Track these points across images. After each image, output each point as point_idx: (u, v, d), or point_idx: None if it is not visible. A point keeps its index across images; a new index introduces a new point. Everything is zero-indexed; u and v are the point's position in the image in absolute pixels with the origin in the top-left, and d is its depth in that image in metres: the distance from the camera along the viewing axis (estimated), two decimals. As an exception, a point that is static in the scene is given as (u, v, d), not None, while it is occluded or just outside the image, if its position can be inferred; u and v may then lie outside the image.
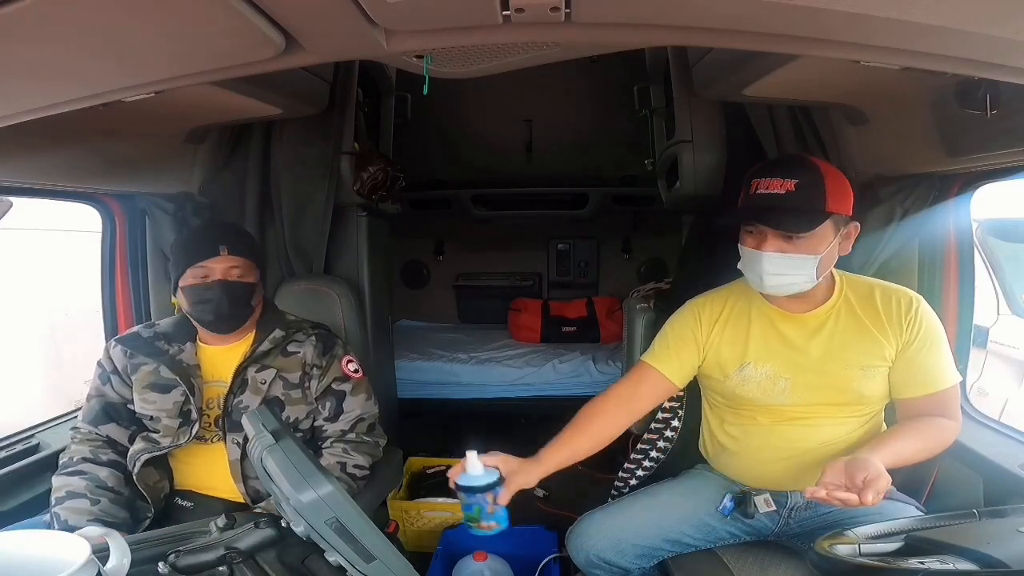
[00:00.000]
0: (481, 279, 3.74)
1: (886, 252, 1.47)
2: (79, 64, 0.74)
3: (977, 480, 1.31)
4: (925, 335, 1.18)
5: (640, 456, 1.60)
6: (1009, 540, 0.86)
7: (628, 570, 1.30)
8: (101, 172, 1.43)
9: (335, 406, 1.41)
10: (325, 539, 0.76)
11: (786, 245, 1.14)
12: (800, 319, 1.25)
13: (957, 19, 0.61)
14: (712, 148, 1.74)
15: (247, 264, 1.35)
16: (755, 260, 1.18)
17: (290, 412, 1.38)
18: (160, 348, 1.38)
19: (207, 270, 1.31)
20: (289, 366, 1.39)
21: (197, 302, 1.32)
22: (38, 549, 0.75)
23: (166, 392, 1.33)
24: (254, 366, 1.36)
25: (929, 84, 1.06)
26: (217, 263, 1.32)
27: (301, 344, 1.42)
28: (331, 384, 1.41)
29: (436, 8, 0.66)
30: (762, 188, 1.16)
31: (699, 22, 0.69)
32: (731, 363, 1.27)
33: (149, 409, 1.34)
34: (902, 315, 1.19)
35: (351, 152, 1.86)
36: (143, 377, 1.35)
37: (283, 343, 1.40)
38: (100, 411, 1.36)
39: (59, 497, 1.23)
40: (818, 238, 1.14)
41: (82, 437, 1.34)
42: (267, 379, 1.35)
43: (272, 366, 1.37)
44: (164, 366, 1.34)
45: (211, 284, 1.31)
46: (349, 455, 1.38)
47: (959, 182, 1.40)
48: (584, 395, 2.82)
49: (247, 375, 1.36)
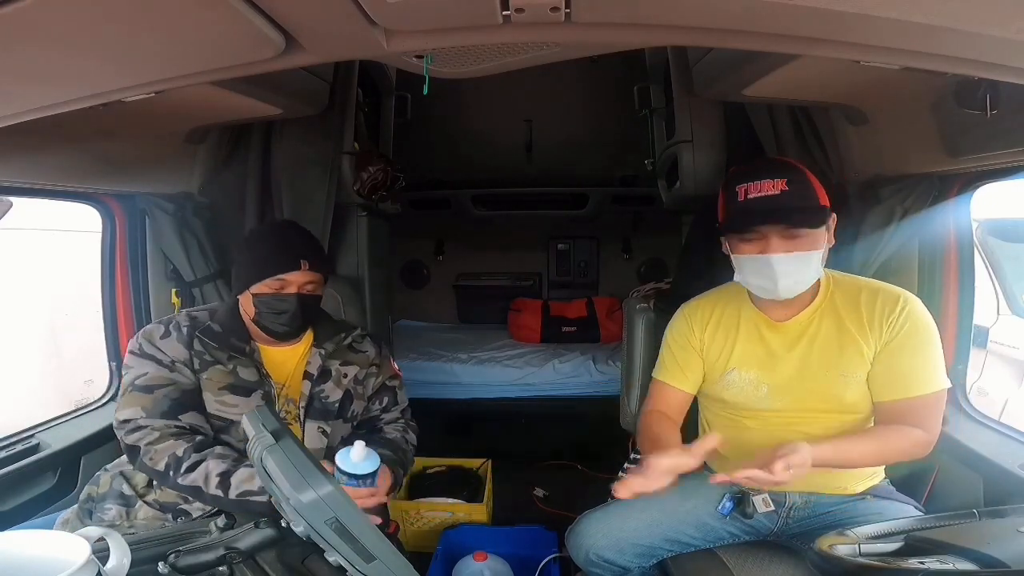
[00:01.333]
0: (481, 279, 3.75)
1: (886, 252, 1.47)
2: (79, 64, 0.74)
3: (977, 480, 1.31)
4: (908, 335, 1.14)
5: (640, 456, 1.60)
6: (1009, 540, 0.86)
7: (628, 569, 1.30)
8: (101, 172, 1.43)
9: (391, 400, 1.49)
10: (325, 539, 0.76)
11: (791, 244, 1.12)
12: (782, 328, 1.24)
13: (957, 19, 0.61)
14: (712, 148, 1.74)
15: (321, 279, 1.35)
16: (764, 266, 1.14)
17: (355, 405, 1.41)
18: (236, 346, 1.31)
19: (284, 282, 1.29)
20: (361, 362, 1.44)
21: (269, 312, 1.29)
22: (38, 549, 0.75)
23: (247, 395, 1.27)
24: (336, 360, 1.39)
25: (929, 84, 1.06)
26: (297, 277, 1.29)
27: (362, 343, 1.47)
28: (386, 381, 1.48)
29: (436, 8, 0.66)
30: (753, 192, 1.14)
31: (699, 22, 0.69)
32: (717, 368, 1.30)
33: (229, 412, 1.26)
34: (885, 314, 1.16)
35: (351, 152, 1.87)
36: (219, 377, 1.27)
37: (352, 343, 1.45)
38: (176, 401, 1.22)
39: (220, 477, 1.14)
40: (815, 234, 1.14)
41: (161, 436, 1.18)
42: (349, 373, 1.40)
43: (352, 362, 1.42)
44: (242, 366, 1.29)
45: (287, 296, 1.28)
46: (407, 433, 1.48)
47: (959, 182, 1.40)
48: (584, 395, 2.86)
49: (330, 366, 1.38)
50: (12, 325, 2.94)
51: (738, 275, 1.22)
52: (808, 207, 1.13)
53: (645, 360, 1.70)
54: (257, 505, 1.12)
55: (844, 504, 1.25)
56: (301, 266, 1.29)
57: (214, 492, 1.14)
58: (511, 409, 2.85)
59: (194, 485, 1.15)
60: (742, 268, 1.20)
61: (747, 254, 1.17)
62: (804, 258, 1.13)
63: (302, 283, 1.30)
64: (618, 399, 1.79)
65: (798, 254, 1.12)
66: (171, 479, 1.16)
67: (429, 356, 2.97)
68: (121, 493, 1.24)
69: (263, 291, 1.28)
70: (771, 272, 1.14)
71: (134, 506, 1.23)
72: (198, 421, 1.24)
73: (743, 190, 1.15)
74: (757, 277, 1.18)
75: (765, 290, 1.19)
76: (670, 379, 1.35)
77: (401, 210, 2.40)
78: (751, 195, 1.14)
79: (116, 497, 1.24)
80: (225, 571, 0.87)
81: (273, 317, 1.29)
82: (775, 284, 1.15)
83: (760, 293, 1.21)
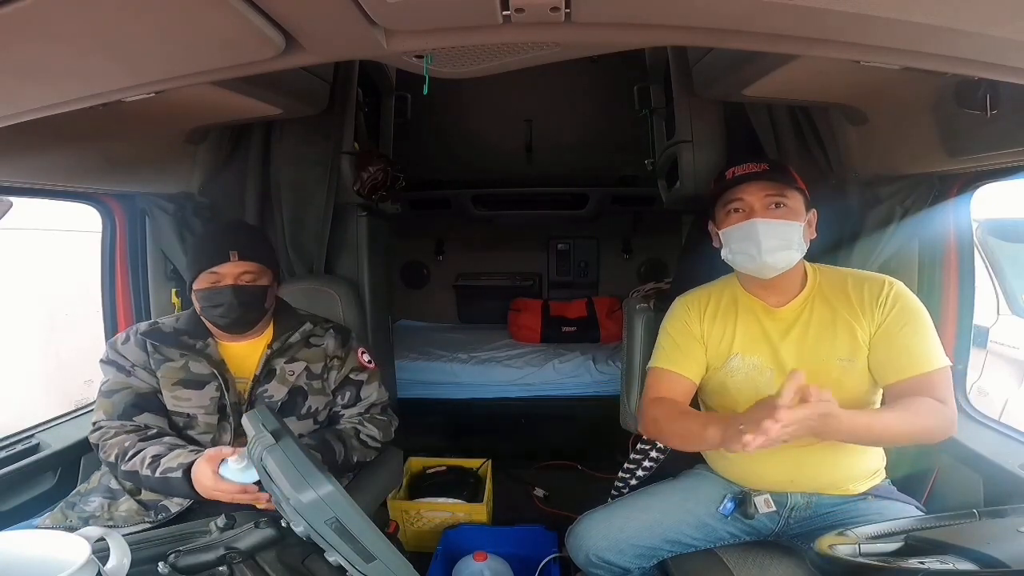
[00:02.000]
0: (481, 279, 3.75)
1: (886, 252, 1.47)
2: (79, 64, 0.74)
3: (977, 480, 1.31)
4: (901, 313, 1.18)
5: (640, 456, 1.60)
6: (1009, 540, 0.86)
7: (628, 570, 1.30)
8: (101, 172, 1.43)
9: (353, 395, 1.46)
10: (325, 539, 0.76)
11: (774, 212, 1.21)
12: (778, 314, 1.28)
13: (957, 19, 0.61)
14: (712, 148, 1.74)
15: (259, 268, 1.36)
16: (748, 231, 1.21)
17: (312, 402, 1.40)
18: (185, 343, 1.36)
19: (218, 275, 1.32)
20: (314, 357, 1.42)
21: (208, 306, 1.33)
22: (38, 549, 0.75)
23: (200, 388, 1.32)
24: (282, 357, 1.39)
25: (929, 84, 1.06)
26: (228, 268, 1.32)
27: (322, 337, 1.46)
28: (349, 374, 1.46)
29: (436, 8, 0.66)
30: (740, 171, 1.25)
31: (699, 22, 0.69)
32: (720, 354, 1.31)
33: (184, 407, 1.32)
34: (874, 297, 1.21)
35: (351, 152, 1.86)
36: (171, 373, 1.33)
37: (307, 337, 1.44)
38: (129, 404, 1.31)
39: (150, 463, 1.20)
40: (796, 208, 1.23)
41: (115, 432, 1.28)
42: (296, 370, 1.39)
43: (300, 358, 1.41)
44: (193, 361, 1.34)
45: (222, 288, 1.32)
46: (364, 425, 1.44)
47: (959, 182, 1.40)
48: (584, 395, 2.86)
49: (274, 365, 1.38)
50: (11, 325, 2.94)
51: (724, 251, 1.28)
52: (786, 179, 1.24)
53: (645, 360, 1.69)
54: (176, 483, 1.17)
55: (845, 504, 1.25)
56: (231, 257, 1.31)
57: (144, 472, 1.20)
58: (511, 409, 2.85)
59: (132, 470, 1.21)
60: (728, 240, 1.26)
61: (732, 224, 1.25)
62: (786, 227, 1.20)
63: (236, 274, 1.32)
64: (618, 399, 1.79)
65: (780, 222, 1.20)
66: (118, 468, 1.24)
67: (429, 356, 2.96)
68: (108, 487, 1.28)
69: (201, 286, 1.33)
70: (755, 236, 1.20)
71: (119, 499, 1.26)
72: (153, 421, 1.31)
73: (732, 172, 1.26)
74: (742, 243, 1.24)
75: (750, 258, 1.23)
76: (673, 366, 1.33)
77: (401, 210, 2.40)
78: (738, 173, 1.25)
79: (103, 491, 1.27)
80: (225, 571, 0.87)
81: (211, 310, 1.33)
82: (759, 249, 1.21)
83: (745, 264, 1.26)
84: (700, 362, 1.33)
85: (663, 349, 1.37)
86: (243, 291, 1.33)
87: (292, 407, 1.38)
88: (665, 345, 1.37)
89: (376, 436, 1.44)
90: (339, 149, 1.84)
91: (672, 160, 1.88)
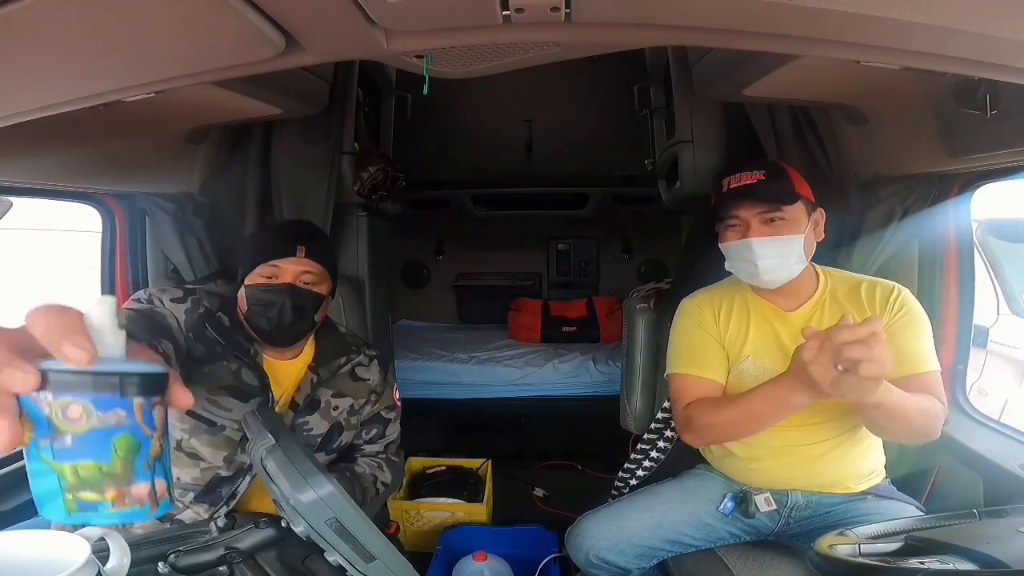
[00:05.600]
0: (481, 279, 3.75)
1: (886, 252, 1.47)
2: (79, 64, 0.74)
3: (977, 480, 1.31)
4: (905, 317, 1.21)
5: (640, 456, 1.60)
6: (1009, 540, 0.86)
7: (628, 570, 1.30)
8: (101, 172, 1.43)
9: (380, 432, 1.37)
10: (325, 539, 0.76)
11: (769, 229, 1.20)
12: (790, 318, 1.28)
13: (957, 19, 0.61)
14: (712, 148, 1.74)
15: (321, 272, 1.21)
16: (744, 249, 1.22)
17: (344, 437, 1.30)
18: (241, 345, 1.19)
19: (278, 270, 1.17)
20: (358, 393, 1.31)
21: (257, 304, 1.16)
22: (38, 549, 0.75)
23: (246, 401, 1.15)
24: (329, 389, 1.26)
25: (929, 84, 1.06)
26: (291, 264, 1.17)
27: (367, 368, 1.34)
28: (381, 411, 1.37)
29: (436, 8, 0.66)
30: (734, 183, 1.24)
31: (699, 22, 0.69)
32: (731, 355, 1.30)
33: (220, 416, 1.13)
34: (884, 299, 1.23)
35: (351, 152, 1.86)
36: (222, 375, 1.14)
37: (352, 367, 1.32)
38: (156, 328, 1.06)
39: None
40: (795, 219, 1.21)
41: None
42: (341, 406, 1.27)
43: (347, 393, 1.29)
44: (246, 368, 1.17)
45: (278, 287, 1.16)
46: (382, 471, 1.33)
47: (959, 182, 1.40)
48: (584, 395, 2.86)
49: (319, 396, 1.24)
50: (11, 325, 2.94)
51: (727, 263, 1.29)
52: (782, 192, 1.21)
53: (645, 360, 1.70)
54: None
55: (845, 503, 1.25)
56: (297, 252, 1.16)
57: None
58: (511, 409, 2.85)
59: None
60: (728, 255, 1.27)
61: (731, 241, 1.25)
62: (782, 243, 1.20)
63: (297, 272, 1.17)
64: (618, 399, 1.79)
65: (776, 238, 1.20)
66: None
67: (429, 356, 2.97)
68: None
69: (255, 281, 1.17)
70: (751, 255, 1.21)
71: None
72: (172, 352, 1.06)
73: (726, 183, 1.25)
74: (740, 261, 1.25)
75: (749, 275, 1.25)
76: (699, 371, 1.29)
77: (401, 210, 2.40)
78: (732, 185, 1.24)
79: None
80: (225, 571, 0.87)
81: (261, 310, 1.16)
82: (756, 267, 1.22)
83: (746, 278, 1.27)
84: (723, 361, 1.31)
85: (682, 354, 1.33)
86: (301, 294, 1.16)
87: (327, 442, 1.27)
88: (683, 349, 1.33)
89: (388, 482, 1.34)
90: (339, 149, 1.84)
91: (672, 160, 1.88)
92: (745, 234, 1.21)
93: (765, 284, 1.25)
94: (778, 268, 1.21)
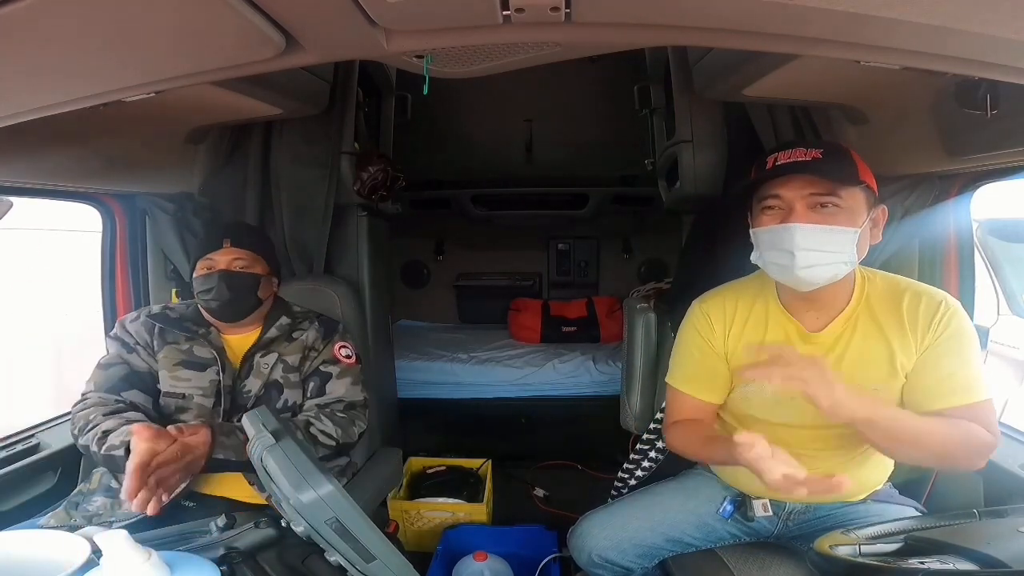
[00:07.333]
0: (481, 279, 3.75)
1: (886, 252, 1.47)
2: (79, 64, 0.74)
3: (977, 480, 1.31)
4: (952, 338, 1.04)
5: (639, 456, 1.60)
6: (1009, 540, 0.86)
7: (630, 569, 1.30)
8: (101, 172, 1.43)
9: (317, 387, 1.41)
10: (325, 539, 0.76)
11: (818, 216, 1.00)
12: (816, 339, 1.12)
13: (957, 19, 0.61)
14: (712, 148, 1.74)
15: (251, 256, 1.41)
16: (783, 235, 1.01)
17: (288, 396, 1.40)
18: (190, 328, 1.41)
19: (212, 261, 1.38)
20: (291, 350, 1.43)
21: (201, 291, 1.38)
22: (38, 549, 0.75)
23: (201, 370, 1.36)
24: (260, 351, 1.41)
25: (929, 84, 1.05)
26: (221, 255, 1.38)
27: (305, 331, 1.46)
28: (319, 366, 1.44)
29: (436, 8, 0.66)
30: (783, 159, 1.02)
31: (699, 22, 0.69)
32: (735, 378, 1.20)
33: (182, 387, 1.35)
34: (929, 316, 1.05)
35: (351, 152, 1.86)
36: (172, 355, 1.37)
37: (289, 330, 1.45)
38: (122, 378, 1.33)
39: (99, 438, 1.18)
40: (853, 209, 1.01)
41: (95, 403, 1.28)
42: (270, 363, 1.40)
43: (279, 352, 1.42)
44: (197, 345, 1.39)
45: (213, 274, 1.37)
46: (318, 420, 1.35)
47: (959, 182, 1.40)
48: (584, 395, 2.86)
49: (253, 361, 1.40)
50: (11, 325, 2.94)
51: (755, 254, 1.09)
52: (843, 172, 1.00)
53: (645, 360, 1.70)
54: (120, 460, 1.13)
55: (844, 507, 1.24)
56: (224, 243, 1.39)
57: (94, 448, 1.20)
58: (511, 409, 2.85)
59: (86, 444, 1.22)
60: (760, 242, 1.07)
61: (766, 225, 1.04)
62: (830, 234, 0.99)
63: (228, 260, 1.38)
64: (618, 399, 1.79)
65: (825, 227, 0.99)
66: (78, 439, 1.25)
67: (429, 356, 2.97)
68: (110, 487, 1.27)
69: (198, 273, 1.40)
70: (790, 242, 1.00)
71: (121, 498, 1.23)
72: (140, 399, 1.33)
73: (773, 159, 1.04)
74: (773, 251, 1.04)
75: (781, 268, 1.04)
76: (693, 391, 1.22)
77: (401, 210, 2.40)
78: (780, 161, 1.03)
79: (105, 491, 1.27)
80: (225, 571, 0.87)
81: (203, 295, 1.38)
82: (792, 259, 1.00)
83: (775, 274, 1.08)
84: (723, 381, 1.20)
85: (681, 366, 1.25)
86: (233, 276, 1.37)
87: (267, 401, 1.37)
88: (683, 361, 1.25)
89: (331, 433, 1.34)
90: (339, 149, 1.84)
91: (672, 160, 1.88)
92: (786, 218, 1.01)
93: (799, 283, 1.04)
94: (820, 264, 1.00)
